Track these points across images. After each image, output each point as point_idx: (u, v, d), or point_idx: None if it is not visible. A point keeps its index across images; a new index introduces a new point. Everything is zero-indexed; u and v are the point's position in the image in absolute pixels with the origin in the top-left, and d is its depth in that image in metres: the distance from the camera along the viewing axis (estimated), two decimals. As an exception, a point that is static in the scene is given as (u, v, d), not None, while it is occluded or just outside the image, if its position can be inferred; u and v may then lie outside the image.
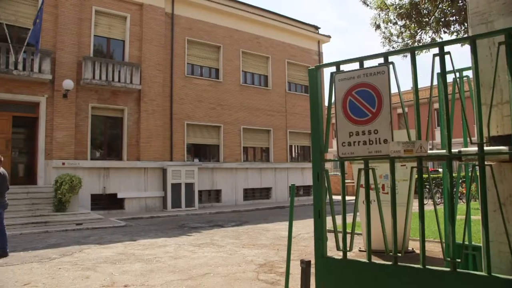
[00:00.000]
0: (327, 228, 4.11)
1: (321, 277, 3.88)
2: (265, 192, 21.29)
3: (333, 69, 4.34)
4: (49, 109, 15.00)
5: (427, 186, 16.83)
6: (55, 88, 15.05)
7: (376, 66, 3.87)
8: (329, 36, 25.00)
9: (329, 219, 4.16)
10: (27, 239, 10.19)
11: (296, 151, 23.36)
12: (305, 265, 4.92)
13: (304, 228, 11.68)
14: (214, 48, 20.15)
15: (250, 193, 20.70)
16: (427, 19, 9.65)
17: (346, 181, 4.41)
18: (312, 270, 6.10)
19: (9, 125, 14.66)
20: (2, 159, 8.51)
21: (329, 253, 3.72)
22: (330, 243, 8.96)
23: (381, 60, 3.90)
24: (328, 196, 4.09)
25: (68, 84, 14.82)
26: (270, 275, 6.32)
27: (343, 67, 4.22)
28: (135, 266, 7.01)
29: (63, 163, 14.91)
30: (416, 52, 3.74)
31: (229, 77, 20.38)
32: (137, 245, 9.15)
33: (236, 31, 20.83)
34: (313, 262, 7.07)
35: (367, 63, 4.08)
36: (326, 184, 4.13)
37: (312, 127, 4.30)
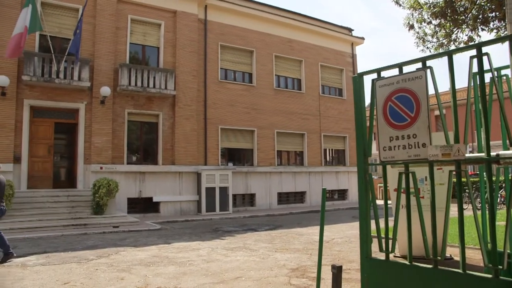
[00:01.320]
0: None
1: (365, 276, 4.09)
2: (299, 196, 21.17)
3: (372, 75, 4.39)
4: (87, 115, 15.51)
5: (466, 190, 16.27)
6: (93, 95, 15.56)
7: (413, 72, 3.96)
8: (362, 38, 24.67)
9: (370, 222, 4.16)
10: (67, 240, 10.54)
11: (331, 155, 23.11)
12: (336, 270, 4.85)
13: (338, 233, 11.51)
14: (247, 53, 20.28)
15: (284, 197, 20.63)
16: (463, 17, 9.33)
17: (379, 185, 4.33)
18: (344, 275, 6.02)
19: (52, 131, 15.27)
20: (1, 166, 8.68)
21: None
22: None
23: (419, 64, 3.91)
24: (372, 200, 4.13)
25: (106, 90, 15.29)
26: (302, 279, 6.26)
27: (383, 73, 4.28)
28: (169, 268, 7.11)
29: (101, 168, 15.37)
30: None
31: (262, 81, 20.45)
32: (171, 248, 9.28)
33: (268, 35, 20.89)
34: (345, 267, 6.99)
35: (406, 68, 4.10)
36: (370, 188, 4.18)
37: (357, 132, 4.38)
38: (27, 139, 14.51)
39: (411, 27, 10.16)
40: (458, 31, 9.77)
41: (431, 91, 3.75)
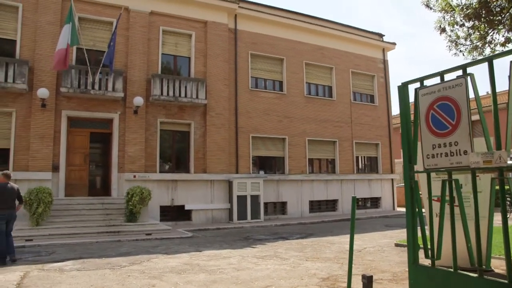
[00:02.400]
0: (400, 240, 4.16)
1: (412, 283, 4.13)
2: (331, 204, 20.90)
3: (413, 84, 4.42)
4: (121, 125, 15.90)
5: (508, 199, 15.63)
6: (127, 105, 15.94)
7: (454, 79, 3.98)
8: (394, 43, 24.27)
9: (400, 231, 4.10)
10: (101, 247, 10.77)
11: (363, 162, 22.75)
12: (367, 280, 4.75)
13: (371, 241, 11.28)
14: (277, 61, 20.31)
15: (316, 205, 20.42)
16: (499, 17, 9.00)
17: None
18: (376, 285, 5.87)
19: (87, 140, 15.74)
20: (11, 175, 9.32)
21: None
22: (398, 253, 8.58)
23: (460, 72, 3.89)
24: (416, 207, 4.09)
25: (138, 101, 15.63)
26: (332, 289, 6.15)
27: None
28: (199, 276, 7.14)
29: (134, 176, 15.68)
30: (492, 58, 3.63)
31: (293, 89, 20.41)
32: (202, 256, 9.32)
33: (299, 43, 20.87)
34: (377, 277, 6.82)
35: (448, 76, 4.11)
36: (416, 195, 4.18)
37: (403, 140, 4.38)
38: (64, 149, 15.00)
39: (443, 30, 9.89)
40: (493, 33, 9.44)
41: (472, 96, 3.73)
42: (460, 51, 9.92)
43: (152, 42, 16.91)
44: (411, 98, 4.64)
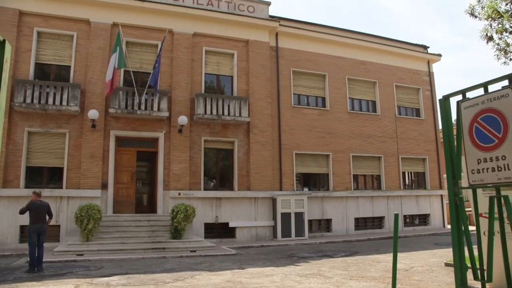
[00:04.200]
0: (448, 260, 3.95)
1: None
2: (377, 222, 20.30)
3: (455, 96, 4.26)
4: (166, 144, 16.31)
5: None
6: (172, 124, 16.37)
7: (499, 90, 3.82)
8: (439, 55, 23.56)
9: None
10: (147, 263, 10.98)
11: (410, 178, 22.01)
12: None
13: (419, 260, 10.82)
14: (319, 77, 20.24)
15: (361, 223, 19.91)
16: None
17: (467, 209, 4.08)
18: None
19: (134, 159, 16.25)
20: (41, 193, 10.48)
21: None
22: (448, 274, 8.16)
23: (506, 82, 3.70)
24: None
25: (183, 120, 16.02)
26: (377, 308, 5.93)
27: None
28: (240, 293, 7.10)
29: (179, 193, 15.96)
30: None
31: (336, 104, 20.22)
32: (244, 274, 9.28)
33: (340, 58, 20.73)
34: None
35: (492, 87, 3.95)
36: (462, 212, 3.95)
37: (446, 155, 4.20)
38: (113, 167, 15.56)
39: (490, 38, 9.47)
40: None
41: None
42: (511, 59, 9.45)
43: (195, 63, 17.36)
44: (454, 111, 4.47)
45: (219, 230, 16.68)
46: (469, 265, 4.03)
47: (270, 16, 19.16)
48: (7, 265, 10.64)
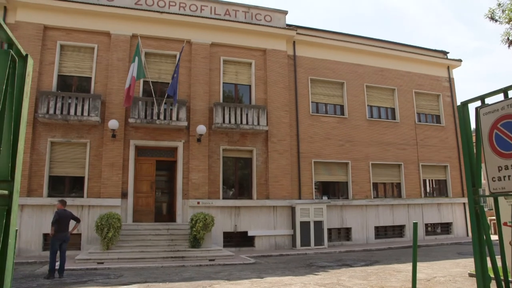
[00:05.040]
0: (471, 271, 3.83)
1: None
2: (398, 230, 19.98)
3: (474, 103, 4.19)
4: (185, 153, 16.44)
5: None
6: (190, 133, 16.51)
7: None
8: (459, 60, 23.20)
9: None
10: (166, 271, 11.04)
11: (431, 186, 21.63)
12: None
13: (441, 270, 10.59)
14: (338, 85, 20.17)
15: (382, 231, 19.62)
16: None
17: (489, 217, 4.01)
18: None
19: (153, 168, 16.43)
20: (66, 202, 10.86)
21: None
22: (472, 285, 8.00)
23: None
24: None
25: (201, 129, 16.14)
26: (397, 318, 5.82)
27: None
28: (258, 302, 7.06)
29: (198, 202, 16.04)
30: None
31: (355, 112, 20.08)
32: (263, 283, 9.24)
33: (359, 65, 20.63)
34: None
35: None
36: (483, 221, 3.85)
37: (465, 163, 4.14)
38: (132, 176, 15.76)
39: (511, 42, 9.30)
40: None
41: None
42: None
43: (213, 72, 17.52)
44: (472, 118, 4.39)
45: (238, 239, 16.67)
46: (492, 276, 3.92)
47: (287, 25, 19.25)
48: (31, 272, 10.86)
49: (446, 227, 21.16)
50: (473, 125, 4.40)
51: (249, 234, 16.74)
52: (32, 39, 15.50)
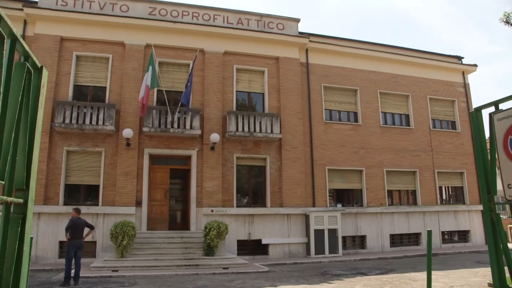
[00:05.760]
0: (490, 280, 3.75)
1: None
2: (413, 238, 19.71)
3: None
4: (199, 161, 16.52)
5: None
6: (204, 141, 16.60)
7: None
8: (474, 65, 22.92)
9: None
10: (179, 279, 11.06)
11: (447, 193, 21.31)
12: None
13: (459, 279, 10.41)
14: (351, 92, 20.10)
15: (397, 239, 19.38)
16: None
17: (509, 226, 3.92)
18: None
19: (167, 176, 16.53)
20: (81, 210, 11.13)
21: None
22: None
23: None
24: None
25: (215, 137, 16.22)
26: (412, 328, 5.74)
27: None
28: (272, 310, 7.03)
29: (212, 211, 16.07)
30: None
31: (369, 119, 19.97)
32: (276, 290, 9.20)
33: (372, 72, 20.54)
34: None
35: None
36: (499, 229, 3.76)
37: (479, 169, 4.06)
38: (146, 185, 15.88)
39: (527, 48, 9.16)
40: None
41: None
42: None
43: (226, 80, 17.62)
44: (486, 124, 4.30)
45: (252, 247, 16.63)
46: (510, 285, 3.84)
47: (300, 33, 19.30)
48: (47, 279, 10.99)
49: (463, 235, 20.80)
50: (487, 131, 4.32)
51: (263, 242, 16.69)
52: (50, 50, 15.83)
